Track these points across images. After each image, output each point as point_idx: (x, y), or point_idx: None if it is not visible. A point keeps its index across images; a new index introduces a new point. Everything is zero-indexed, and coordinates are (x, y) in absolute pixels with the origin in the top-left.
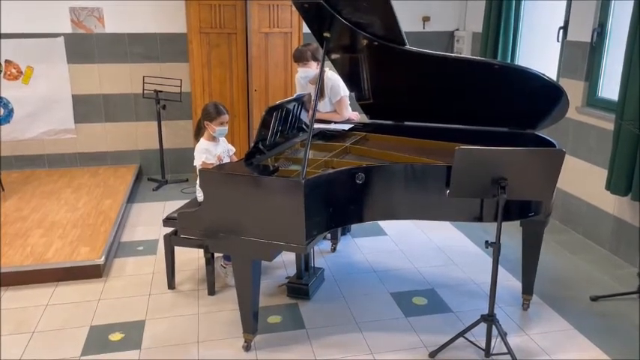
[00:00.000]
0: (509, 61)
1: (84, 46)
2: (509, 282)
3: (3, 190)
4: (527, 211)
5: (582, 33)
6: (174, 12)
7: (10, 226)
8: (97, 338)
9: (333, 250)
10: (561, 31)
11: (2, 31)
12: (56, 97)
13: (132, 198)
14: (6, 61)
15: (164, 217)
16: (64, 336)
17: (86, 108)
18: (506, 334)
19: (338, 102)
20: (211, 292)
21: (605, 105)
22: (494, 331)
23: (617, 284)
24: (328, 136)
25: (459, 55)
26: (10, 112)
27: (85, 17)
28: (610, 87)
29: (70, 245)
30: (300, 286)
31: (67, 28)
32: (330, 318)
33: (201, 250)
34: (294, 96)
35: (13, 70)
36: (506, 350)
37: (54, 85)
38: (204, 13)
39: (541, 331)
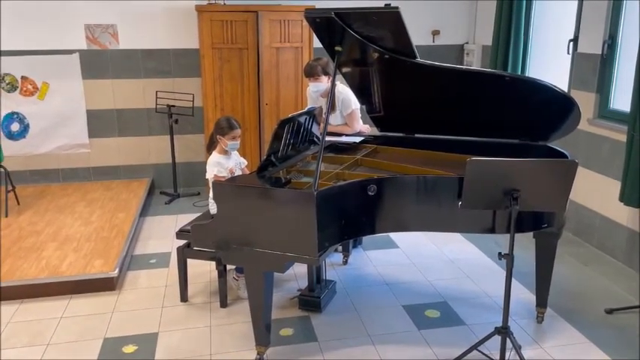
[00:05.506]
0: (519, 74)
1: (98, 62)
2: (523, 295)
3: (18, 203)
4: (540, 222)
5: (593, 45)
6: (187, 28)
7: (24, 239)
8: (111, 350)
9: (345, 262)
10: (571, 43)
11: (19, 49)
12: (71, 113)
13: (144, 211)
14: (22, 77)
15: (177, 230)
16: (78, 348)
17: (100, 123)
18: (520, 347)
19: (349, 115)
20: (224, 304)
21: (617, 116)
22: (509, 343)
23: (631, 296)
24: (339, 148)
25: (469, 68)
26: (25, 127)
27: (99, 34)
28: (622, 98)
29: (83, 258)
30: (312, 299)
31: (82, 45)
32: (342, 330)
33: (214, 263)
34: (306, 109)
35: (29, 86)
36: None
37: (69, 100)
38: (216, 28)
39: (556, 344)
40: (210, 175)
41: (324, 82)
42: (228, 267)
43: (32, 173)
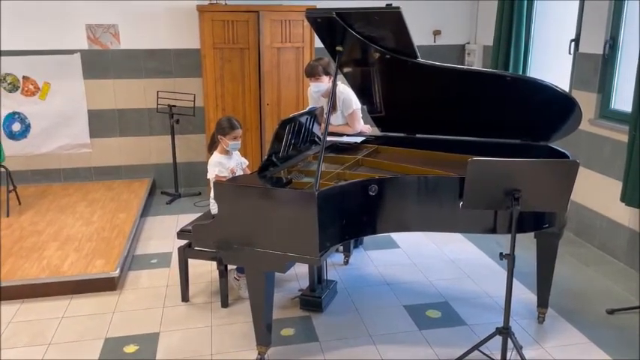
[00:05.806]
0: (520, 74)
1: (100, 62)
2: (524, 295)
3: (19, 203)
4: (541, 222)
5: (594, 45)
6: (188, 28)
7: (26, 239)
8: (112, 350)
9: (346, 262)
10: (573, 43)
11: (20, 49)
12: (72, 113)
13: (145, 211)
14: (24, 77)
15: (178, 230)
16: (79, 348)
17: (101, 123)
18: (521, 347)
19: (350, 115)
20: (225, 304)
21: (619, 117)
22: (510, 344)
23: (632, 297)
24: (340, 148)
25: (470, 68)
26: (27, 127)
27: (101, 34)
28: (623, 98)
29: (85, 258)
30: (313, 299)
31: (84, 45)
32: (343, 331)
33: (215, 263)
34: (307, 109)
35: (31, 87)
36: None
37: (70, 100)
38: (218, 28)
39: (557, 344)
40: (211, 175)
41: (325, 82)
42: (229, 267)
43: (33, 173)
